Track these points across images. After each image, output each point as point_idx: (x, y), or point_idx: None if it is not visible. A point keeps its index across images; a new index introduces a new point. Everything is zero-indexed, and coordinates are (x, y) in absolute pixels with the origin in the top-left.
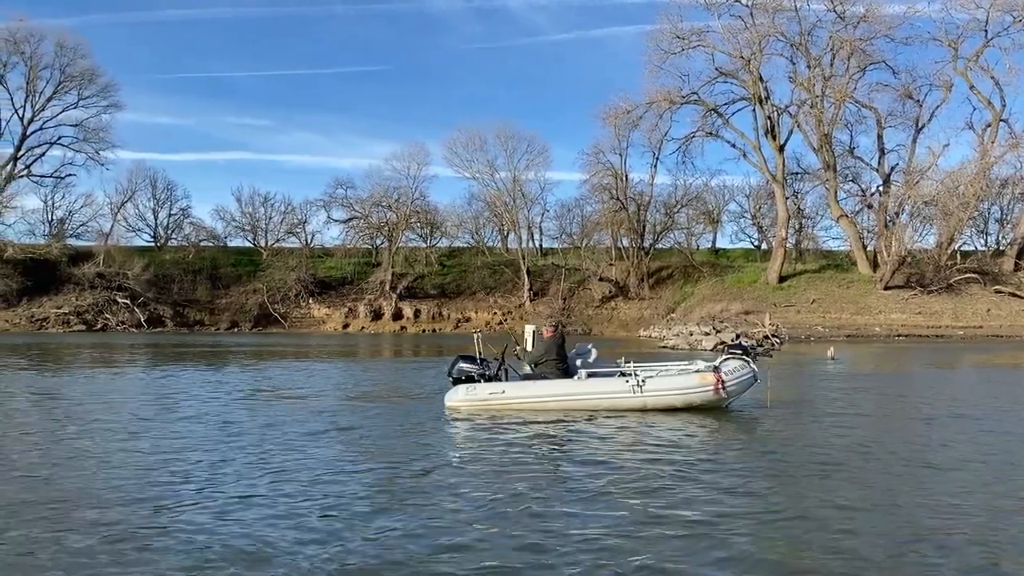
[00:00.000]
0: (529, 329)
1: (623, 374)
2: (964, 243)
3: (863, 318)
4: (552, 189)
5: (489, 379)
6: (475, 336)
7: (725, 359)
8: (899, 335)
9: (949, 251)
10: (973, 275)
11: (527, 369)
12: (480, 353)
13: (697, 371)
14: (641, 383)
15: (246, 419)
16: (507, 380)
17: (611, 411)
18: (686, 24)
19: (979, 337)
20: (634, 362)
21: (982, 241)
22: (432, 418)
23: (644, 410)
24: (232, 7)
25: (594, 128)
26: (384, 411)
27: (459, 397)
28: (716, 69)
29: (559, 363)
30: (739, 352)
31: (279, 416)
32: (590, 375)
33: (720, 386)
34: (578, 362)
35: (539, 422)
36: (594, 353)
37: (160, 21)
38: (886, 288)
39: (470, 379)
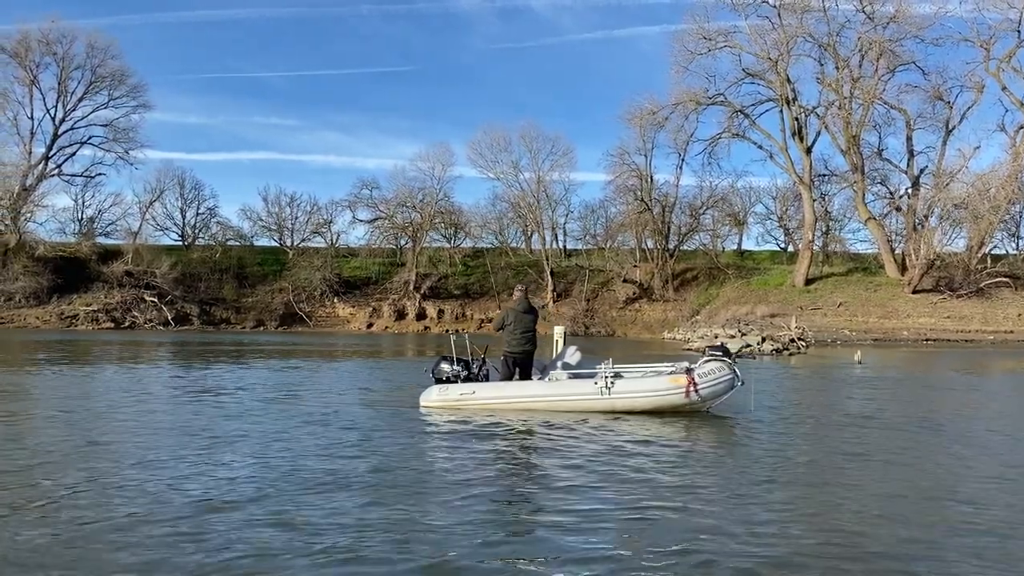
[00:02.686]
0: (559, 331)
1: (606, 376)
2: (995, 247)
3: (891, 322)
4: (576, 190)
5: (467, 379)
6: (452, 337)
7: (705, 361)
8: (927, 339)
9: (979, 255)
10: (1004, 279)
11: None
12: (470, 353)
13: (669, 373)
14: (609, 385)
15: (233, 414)
16: (489, 380)
17: (580, 413)
18: (712, 24)
19: (1010, 342)
20: (614, 363)
21: (1013, 245)
22: (407, 417)
23: (614, 412)
24: (259, 8)
25: (619, 129)
26: (371, 409)
27: (432, 397)
28: (743, 70)
29: (521, 334)
30: (719, 354)
31: (266, 414)
32: (560, 376)
33: (692, 389)
34: (559, 364)
35: (500, 423)
36: (578, 355)
37: (188, 21)
38: (914, 292)
39: (449, 379)
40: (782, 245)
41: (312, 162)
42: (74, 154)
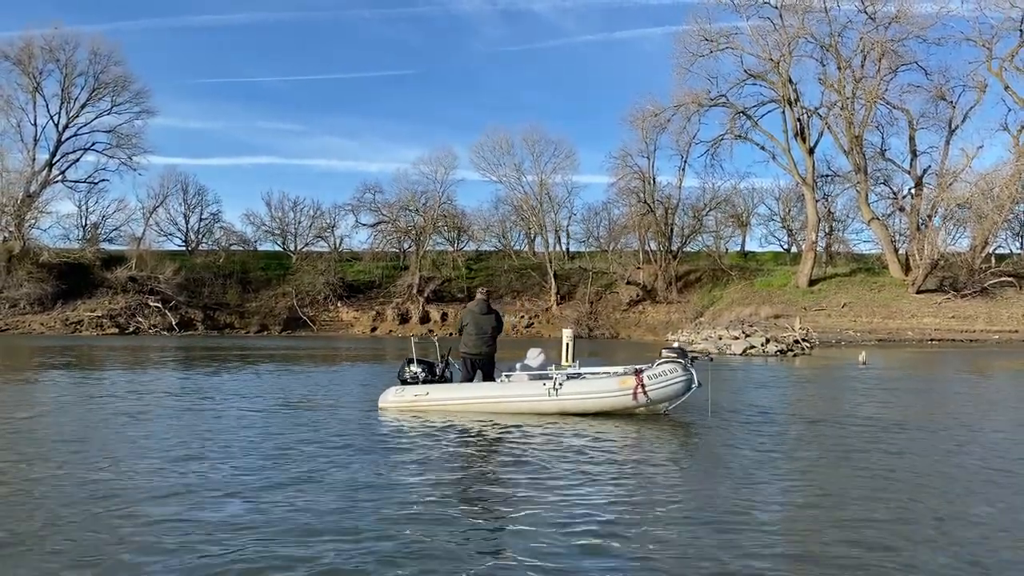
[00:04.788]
0: (567, 334)
1: (555, 378)
2: (999, 246)
3: (895, 322)
4: (579, 192)
5: (429, 380)
6: (413, 340)
7: (660, 363)
8: (932, 340)
9: (983, 254)
10: (1008, 278)
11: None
12: (439, 355)
13: (617, 375)
14: (558, 386)
15: (222, 420)
16: (452, 381)
17: (530, 414)
18: (714, 26)
19: (1015, 342)
20: (579, 365)
21: (1017, 244)
22: (358, 419)
23: (563, 414)
24: (262, 12)
25: (622, 131)
26: (329, 410)
27: (389, 398)
28: (745, 71)
29: (477, 335)
30: (674, 356)
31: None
32: (512, 377)
33: (640, 391)
34: (518, 365)
35: (435, 424)
36: (541, 357)
37: (191, 27)
38: (918, 292)
39: (408, 381)
40: (785, 246)
41: (315, 166)
42: (77, 160)
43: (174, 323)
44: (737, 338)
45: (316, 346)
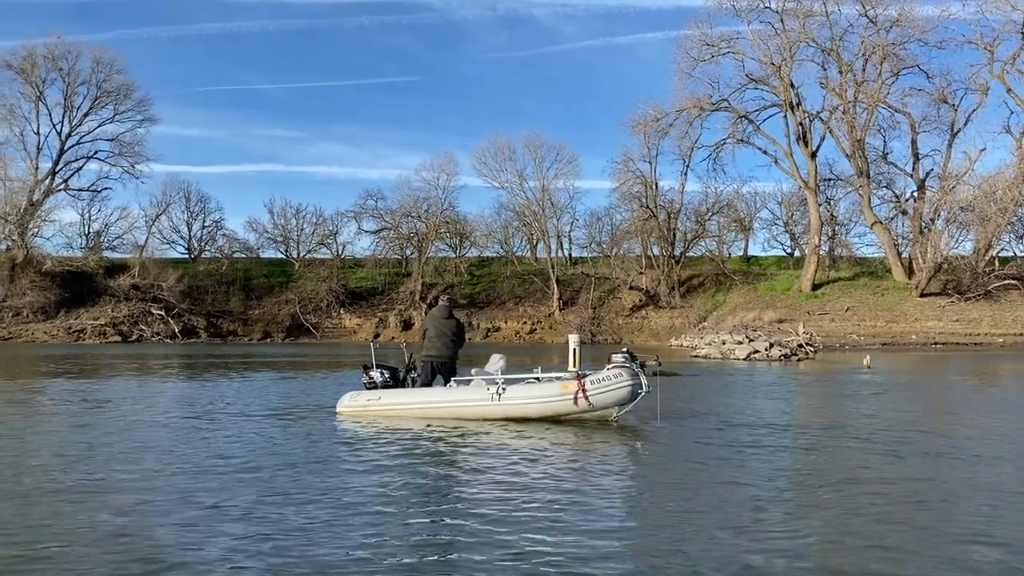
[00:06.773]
0: (573, 339)
1: (498, 383)
2: (1002, 249)
3: (899, 326)
4: (581, 198)
5: (390, 385)
6: (373, 346)
7: (609, 368)
8: (936, 343)
9: (987, 257)
10: (1012, 281)
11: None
12: (406, 361)
13: (558, 379)
14: (500, 391)
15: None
16: (411, 387)
17: (476, 419)
18: (715, 31)
19: (1019, 345)
20: (542, 370)
21: (1021, 247)
22: (310, 424)
23: (507, 419)
24: (262, 20)
25: (623, 136)
26: (291, 416)
27: (345, 403)
28: (746, 75)
29: (439, 340)
30: (622, 361)
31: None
32: (459, 382)
33: (581, 395)
34: (472, 371)
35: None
36: (501, 362)
37: (192, 35)
38: (922, 295)
39: (367, 386)
40: (788, 250)
41: (316, 173)
42: (80, 169)
43: (177, 331)
44: (741, 343)
45: (318, 353)
